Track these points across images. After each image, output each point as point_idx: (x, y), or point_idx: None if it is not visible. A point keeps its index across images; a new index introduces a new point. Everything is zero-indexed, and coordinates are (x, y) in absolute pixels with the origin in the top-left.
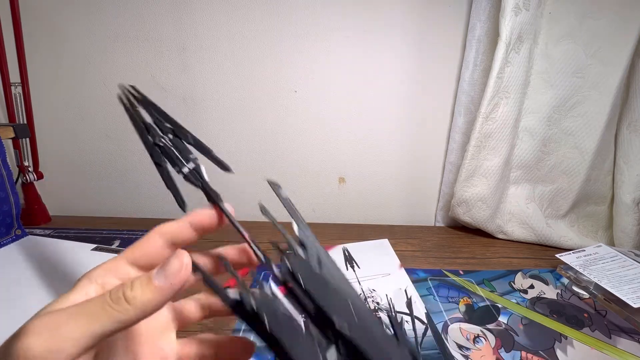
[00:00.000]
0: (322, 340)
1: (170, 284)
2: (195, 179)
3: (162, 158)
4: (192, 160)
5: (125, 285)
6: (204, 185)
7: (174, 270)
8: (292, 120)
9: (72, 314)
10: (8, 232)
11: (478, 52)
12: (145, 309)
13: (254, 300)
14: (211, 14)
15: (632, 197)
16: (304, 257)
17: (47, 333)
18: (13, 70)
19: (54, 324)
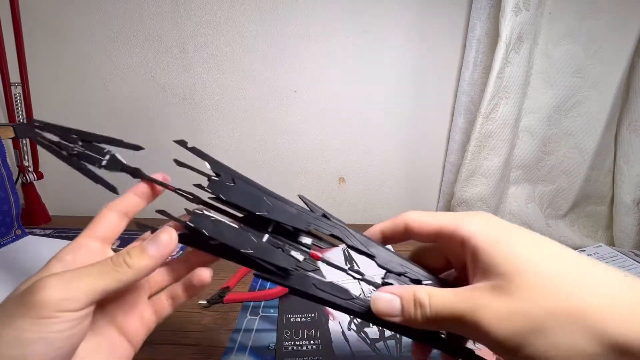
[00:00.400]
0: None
1: (161, 253)
2: (114, 166)
3: (80, 163)
4: (106, 153)
5: (124, 254)
6: (123, 168)
7: (164, 242)
8: (292, 120)
9: (82, 273)
10: (8, 232)
11: (478, 52)
12: (140, 272)
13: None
14: (211, 14)
15: (632, 197)
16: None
17: (62, 286)
18: (13, 70)
19: (67, 279)
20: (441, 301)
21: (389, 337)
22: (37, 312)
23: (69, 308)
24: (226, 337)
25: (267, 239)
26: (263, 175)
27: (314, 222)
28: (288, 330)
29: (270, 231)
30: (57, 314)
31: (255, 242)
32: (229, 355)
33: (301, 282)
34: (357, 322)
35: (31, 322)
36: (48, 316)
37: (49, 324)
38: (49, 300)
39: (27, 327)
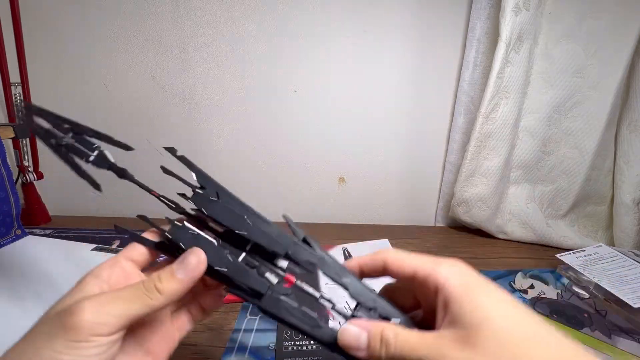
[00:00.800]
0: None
1: (190, 277)
2: (102, 163)
3: (68, 154)
4: (95, 148)
5: (155, 279)
6: (110, 166)
7: (192, 266)
8: (292, 120)
9: (116, 297)
10: (8, 232)
11: (478, 52)
12: (171, 297)
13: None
14: (211, 13)
15: (632, 197)
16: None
17: (96, 310)
18: (13, 70)
19: (101, 304)
20: (406, 342)
21: None
22: (72, 335)
23: (103, 332)
24: (226, 337)
25: (243, 258)
26: (263, 175)
27: (292, 246)
28: (288, 331)
29: (247, 250)
30: (91, 338)
31: (230, 260)
32: (229, 355)
33: (273, 304)
34: None
35: (66, 344)
36: (83, 340)
37: (83, 347)
38: (84, 324)
39: (62, 350)
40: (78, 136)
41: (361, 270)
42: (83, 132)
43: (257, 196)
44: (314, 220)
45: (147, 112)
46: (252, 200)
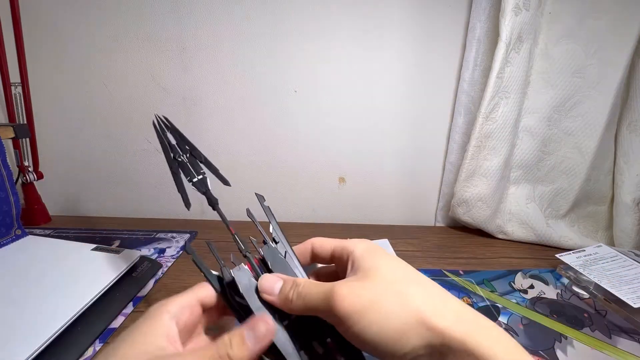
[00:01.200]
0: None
1: (259, 347)
2: (201, 186)
3: (178, 168)
4: (201, 173)
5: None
6: (207, 192)
7: (261, 335)
8: (292, 120)
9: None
10: (8, 232)
11: (478, 52)
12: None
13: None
14: (211, 14)
15: (632, 197)
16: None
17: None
18: (13, 70)
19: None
20: (314, 284)
21: None
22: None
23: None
24: None
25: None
26: (263, 175)
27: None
28: None
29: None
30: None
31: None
32: None
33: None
34: None
35: None
36: None
37: None
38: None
39: None
40: (192, 158)
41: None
42: (197, 157)
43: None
44: (314, 220)
45: (147, 112)
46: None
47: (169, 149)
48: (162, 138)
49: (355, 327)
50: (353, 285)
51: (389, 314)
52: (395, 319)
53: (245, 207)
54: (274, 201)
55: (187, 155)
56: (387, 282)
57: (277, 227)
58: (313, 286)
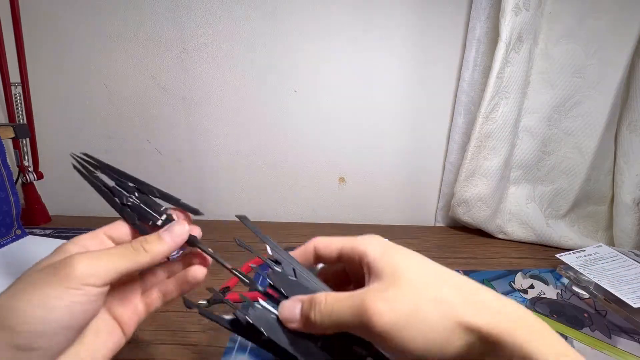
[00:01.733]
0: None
1: (175, 242)
2: None
3: (134, 218)
4: (163, 212)
5: (142, 240)
6: None
7: (177, 232)
8: (292, 120)
9: (106, 253)
10: (8, 232)
11: (478, 52)
12: (155, 256)
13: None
14: (211, 13)
15: (632, 197)
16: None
17: (89, 262)
18: (13, 70)
19: (94, 257)
20: (336, 298)
21: None
22: (67, 282)
23: (93, 283)
24: (226, 337)
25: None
26: (263, 175)
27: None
28: None
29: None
30: (82, 287)
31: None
32: (229, 356)
33: None
34: None
35: (59, 290)
36: (75, 287)
37: (74, 294)
38: (78, 273)
39: (53, 294)
40: (144, 196)
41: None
42: (149, 192)
43: (257, 196)
44: (314, 220)
45: (147, 112)
46: (252, 200)
47: (111, 193)
48: (93, 182)
49: (397, 341)
50: (386, 297)
51: (430, 323)
52: (437, 327)
53: (247, 209)
54: (274, 201)
55: (136, 194)
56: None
57: (275, 245)
58: (337, 301)
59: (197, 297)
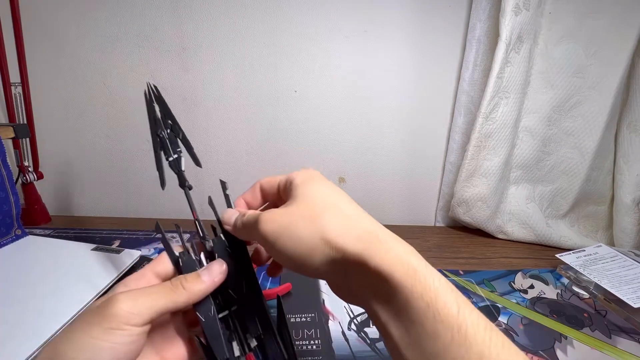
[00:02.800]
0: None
1: (213, 280)
2: (175, 166)
3: (159, 146)
4: (177, 152)
5: (182, 278)
6: (180, 173)
7: (215, 272)
8: (292, 120)
9: (146, 292)
10: (8, 232)
11: (478, 52)
12: (194, 294)
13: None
14: (211, 14)
15: (632, 197)
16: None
17: (130, 300)
18: (13, 70)
19: (134, 296)
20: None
21: None
22: (108, 323)
23: (135, 322)
24: None
25: (223, 315)
26: (263, 175)
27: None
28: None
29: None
30: (125, 326)
31: (211, 314)
32: None
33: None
34: (357, 322)
35: (103, 331)
36: (117, 327)
37: (117, 335)
38: (120, 312)
39: (99, 336)
40: (172, 134)
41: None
42: (178, 133)
43: None
44: None
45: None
46: None
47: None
48: (149, 110)
49: (274, 246)
50: (274, 212)
51: (299, 235)
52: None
53: None
54: None
55: (168, 130)
56: (305, 207)
57: None
58: (251, 214)
59: None
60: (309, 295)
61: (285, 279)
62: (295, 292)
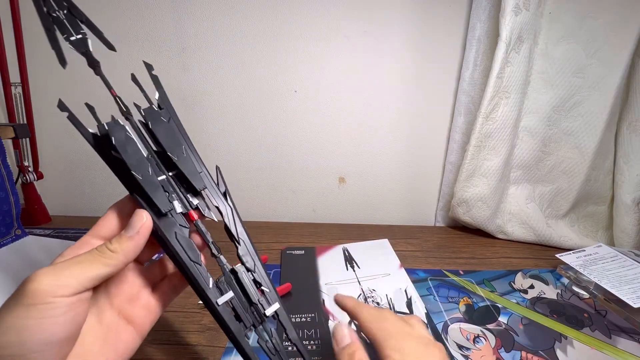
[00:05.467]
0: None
1: (138, 233)
2: (80, 46)
3: (52, 24)
4: (81, 33)
5: (107, 242)
6: (87, 52)
7: (137, 224)
8: (292, 120)
9: (72, 262)
10: (8, 232)
11: (478, 52)
12: (126, 254)
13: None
14: (211, 14)
15: (632, 197)
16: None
17: (53, 274)
18: (13, 70)
19: (58, 269)
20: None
21: None
22: (30, 299)
23: (62, 293)
24: (226, 337)
25: (162, 179)
26: (263, 175)
27: (210, 188)
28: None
29: (170, 175)
30: (51, 299)
31: (149, 173)
32: (229, 355)
33: (166, 228)
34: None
35: (25, 309)
36: (41, 302)
37: (42, 309)
38: (41, 287)
39: (21, 315)
40: (71, 17)
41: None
42: (77, 16)
43: (257, 196)
44: (314, 220)
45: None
46: (252, 199)
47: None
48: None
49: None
50: None
51: None
52: None
53: (248, 209)
54: (274, 201)
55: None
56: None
57: (165, 95)
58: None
59: None
60: (309, 295)
61: (285, 279)
62: (295, 292)
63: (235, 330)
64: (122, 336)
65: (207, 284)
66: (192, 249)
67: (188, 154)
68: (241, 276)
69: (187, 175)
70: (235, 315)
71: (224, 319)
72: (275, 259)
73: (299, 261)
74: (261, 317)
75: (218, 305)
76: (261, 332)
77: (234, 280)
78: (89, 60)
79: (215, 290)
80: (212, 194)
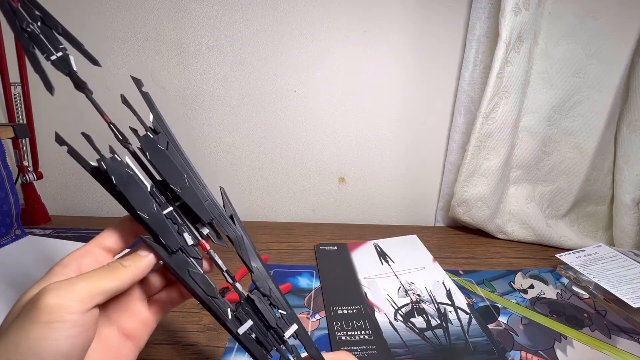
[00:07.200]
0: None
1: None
2: (63, 66)
3: (30, 44)
4: (60, 49)
5: (120, 259)
6: (71, 73)
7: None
8: (292, 120)
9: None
10: (8, 232)
11: (478, 52)
12: (136, 271)
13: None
14: (211, 14)
15: (632, 197)
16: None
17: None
18: (13, 70)
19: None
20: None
21: (435, 326)
22: (45, 317)
23: (77, 309)
24: (226, 337)
25: (168, 212)
26: (263, 175)
27: (218, 218)
28: (338, 322)
29: (176, 206)
30: (67, 316)
31: (154, 210)
32: (229, 355)
33: (179, 264)
34: (403, 313)
35: (41, 327)
36: (57, 320)
37: (58, 328)
38: (56, 303)
39: (37, 335)
40: (46, 28)
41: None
42: (53, 27)
43: (256, 196)
44: (314, 220)
45: (147, 112)
46: (252, 199)
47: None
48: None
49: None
50: None
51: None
52: None
53: (247, 209)
54: (274, 201)
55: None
56: None
57: (159, 116)
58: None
59: None
60: (349, 289)
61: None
62: (336, 286)
63: (258, 355)
64: (122, 351)
65: (226, 316)
66: (207, 283)
67: (191, 183)
68: (258, 303)
69: (192, 207)
70: (256, 340)
71: (247, 346)
72: (275, 259)
73: (334, 257)
74: (281, 339)
75: (239, 334)
76: (284, 352)
77: (251, 310)
78: (74, 82)
79: (234, 321)
80: (221, 222)
